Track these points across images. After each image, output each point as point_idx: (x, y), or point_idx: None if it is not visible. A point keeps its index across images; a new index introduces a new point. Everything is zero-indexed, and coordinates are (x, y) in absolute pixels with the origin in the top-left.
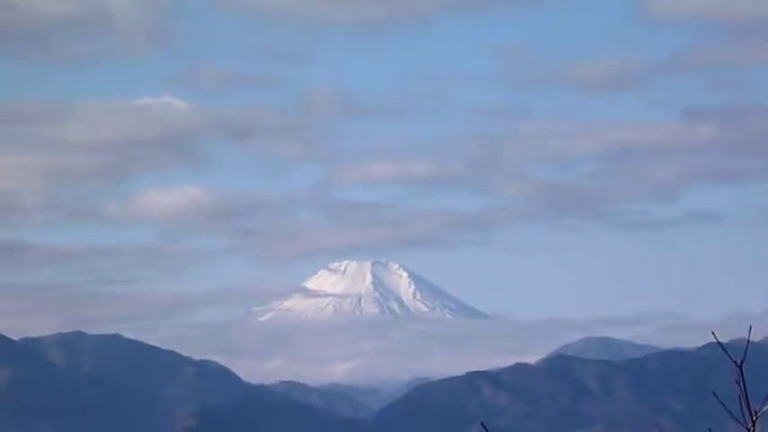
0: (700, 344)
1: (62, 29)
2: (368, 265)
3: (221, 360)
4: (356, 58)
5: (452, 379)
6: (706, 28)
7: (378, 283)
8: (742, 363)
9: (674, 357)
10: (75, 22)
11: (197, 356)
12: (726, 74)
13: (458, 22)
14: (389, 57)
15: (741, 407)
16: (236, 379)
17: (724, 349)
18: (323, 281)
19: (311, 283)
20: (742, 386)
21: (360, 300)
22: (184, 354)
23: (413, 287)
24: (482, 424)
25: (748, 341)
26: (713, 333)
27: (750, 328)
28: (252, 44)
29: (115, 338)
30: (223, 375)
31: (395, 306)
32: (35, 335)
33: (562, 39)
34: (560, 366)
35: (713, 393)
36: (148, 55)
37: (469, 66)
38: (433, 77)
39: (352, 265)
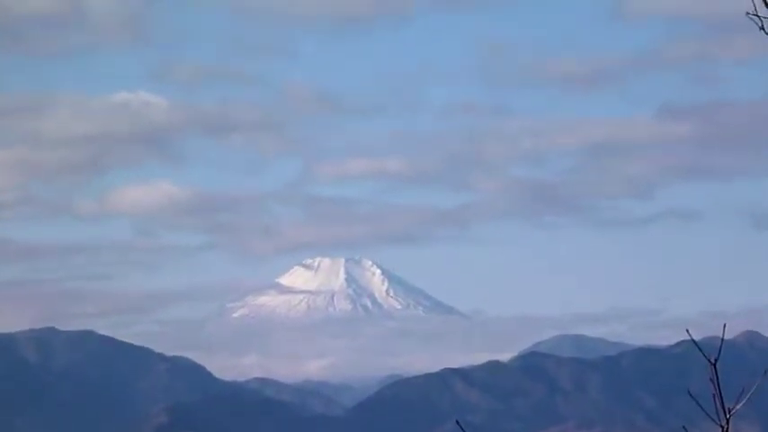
0: (673, 341)
1: (38, 23)
2: (341, 261)
3: (194, 356)
4: (334, 54)
5: (426, 376)
6: (682, 24)
7: (351, 279)
8: (716, 361)
9: (647, 355)
10: (52, 17)
11: (170, 353)
12: (702, 70)
13: (436, 18)
14: (368, 53)
15: (715, 405)
16: (209, 375)
17: (698, 347)
18: (296, 277)
19: (285, 280)
20: (716, 384)
21: (333, 296)
22: (157, 350)
23: (386, 284)
24: (457, 422)
25: (723, 339)
26: (687, 331)
27: (724, 325)
28: (229, 40)
29: (88, 334)
30: (196, 372)
31: (368, 303)
32: (7, 331)
33: (539, 36)
34: (534, 364)
35: (687, 391)
36: (125, 50)
37: (448, 62)
38: (410, 74)
39: (325, 262)
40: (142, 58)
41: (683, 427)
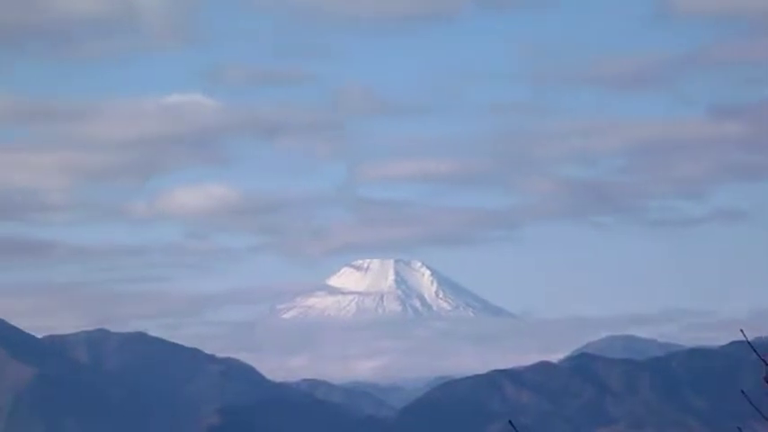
0: (724, 342)
1: (91, 27)
2: (390, 262)
3: (245, 358)
4: (383, 56)
5: (475, 377)
6: (731, 23)
7: (400, 280)
8: None
9: (698, 356)
10: (105, 20)
11: (221, 354)
12: (752, 69)
13: (484, 19)
14: (416, 54)
15: None
16: (260, 377)
17: (752, 347)
18: (346, 278)
19: (335, 281)
20: None
21: (382, 297)
22: (208, 352)
23: (435, 285)
24: (510, 422)
25: None
26: (741, 330)
27: None
28: (280, 42)
29: (140, 336)
30: (247, 373)
31: (417, 304)
32: (60, 333)
33: (588, 36)
34: (583, 365)
35: (741, 391)
36: (177, 53)
37: (496, 63)
38: (459, 75)
39: (375, 263)
40: (194, 61)
41: (738, 428)
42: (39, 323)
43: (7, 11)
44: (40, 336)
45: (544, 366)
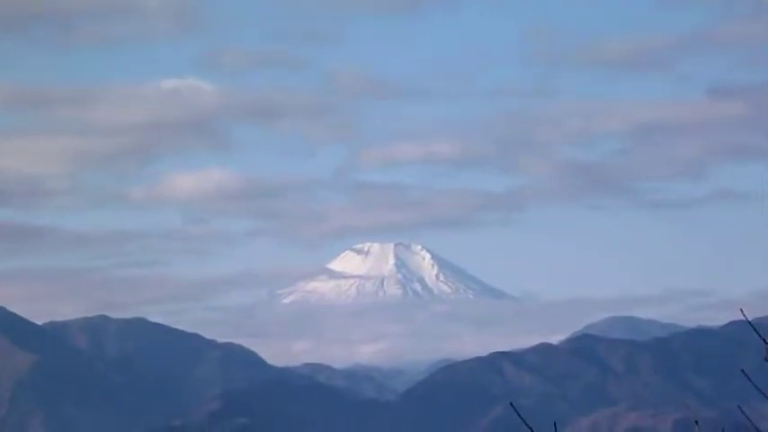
0: (724, 322)
1: (88, 12)
2: (391, 246)
3: (246, 343)
4: (382, 39)
5: (476, 360)
6: (732, 5)
7: (401, 264)
8: None
9: (699, 336)
10: (102, 6)
11: (222, 339)
12: (752, 51)
13: (484, 2)
14: (416, 37)
15: None
16: (261, 362)
17: (753, 327)
18: (346, 262)
19: (335, 265)
20: None
21: (383, 281)
22: (209, 337)
23: (435, 268)
24: (511, 404)
25: None
26: (741, 310)
27: None
28: (277, 25)
29: (140, 322)
30: (248, 358)
31: (418, 287)
32: (60, 319)
33: (588, 18)
34: (584, 346)
35: (742, 371)
36: (174, 37)
37: (495, 45)
38: (459, 58)
39: (375, 247)
40: (191, 46)
41: (738, 406)
42: (39, 309)
43: None
44: (40, 322)
45: (545, 348)
